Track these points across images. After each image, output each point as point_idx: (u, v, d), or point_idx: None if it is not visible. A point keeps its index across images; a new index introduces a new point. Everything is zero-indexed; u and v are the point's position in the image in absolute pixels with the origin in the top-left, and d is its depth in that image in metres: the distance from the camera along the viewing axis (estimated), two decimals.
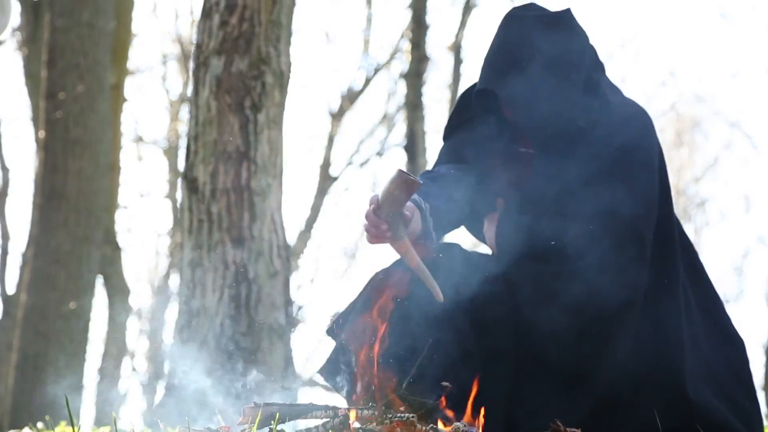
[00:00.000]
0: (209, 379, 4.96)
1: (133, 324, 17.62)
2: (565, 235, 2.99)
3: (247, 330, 5.07)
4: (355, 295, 3.18)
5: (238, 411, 2.79)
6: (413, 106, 13.62)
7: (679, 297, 3.03)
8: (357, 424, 2.71)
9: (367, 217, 2.90)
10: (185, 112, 17.15)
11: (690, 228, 20.07)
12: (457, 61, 14.95)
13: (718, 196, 24.65)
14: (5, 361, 10.28)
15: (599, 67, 3.15)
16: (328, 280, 20.51)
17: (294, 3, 5.42)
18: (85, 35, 9.08)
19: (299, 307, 17.90)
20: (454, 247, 3.15)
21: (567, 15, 3.13)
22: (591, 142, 3.06)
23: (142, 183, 20.87)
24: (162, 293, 17.64)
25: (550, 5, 3.20)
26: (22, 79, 11.96)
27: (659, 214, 3.07)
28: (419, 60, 13.47)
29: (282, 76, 5.30)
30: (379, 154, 17.94)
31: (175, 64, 17.59)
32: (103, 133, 9.20)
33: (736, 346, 3.15)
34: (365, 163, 18.03)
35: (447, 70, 15.37)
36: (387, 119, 17.53)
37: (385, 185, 2.87)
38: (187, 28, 17.16)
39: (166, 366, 5.32)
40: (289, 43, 5.38)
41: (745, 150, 24.08)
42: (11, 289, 12.27)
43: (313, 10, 21.61)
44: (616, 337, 2.93)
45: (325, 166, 17.37)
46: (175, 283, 17.01)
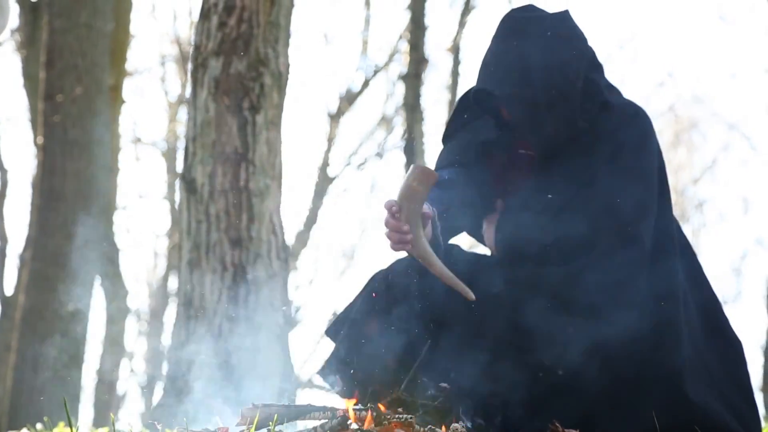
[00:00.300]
0: (207, 381, 4.96)
1: (131, 325, 17.63)
2: (564, 236, 2.99)
3: (245, 331, 5.07)
4: (354, 295, 3.18)
5: (237, 412, 2.79)
6: (412, 107, 13.62)
7: (678, 298, 3.03)
8: (355, 425, 2.71)
9: (387, 224, 2.88)
10: (183, 114, 17.16)
11: (688, 229, 20.06)
12: (456, 62, 14.94)
13: (717, 197, 24.63)
14: (3, 362, 10.27)
15: (598, 68, 3.15)
16: (326, 281, 20.49)
17: (292, 4, 5.42)
18: (83, 36, 9.08)
19: (297, 308, 17.91)
20: (453, 248, 3.16)
21: (565, 16, 3.13)
22: (590, 143, 3.06)
23: (141, 184, 20.86)
24: (160, 294, 17.63)
25: (548, 7, 3.20)
26: (20, 80, 11.95)
27: (658, 214, 3.07)
28: (418, 61, 13.47)
29: (280, 78, 5.30)
30: (377, 155, 17.95)
31: (174, 66, 17.60)
32: (102, 135, 9.20)
33: (734, 348, 3.16)
34: (364, 164, 18.05)
35: (446, 72, 15.37)
36: (385, 121, 17.54)
37: (403, 182, 2.86)
38: (186, 30, 17.17)
39: (165, 367, 5.32)
40: (287, 44, 5.38)
41: (743, 151, 24.04)
42: (9, 291, 12.26)
43: (311, 11, 21.61)
44: (614, 337, 2.94)
45: (324, 167, 17.37)
46: (173, 284, 17.01)
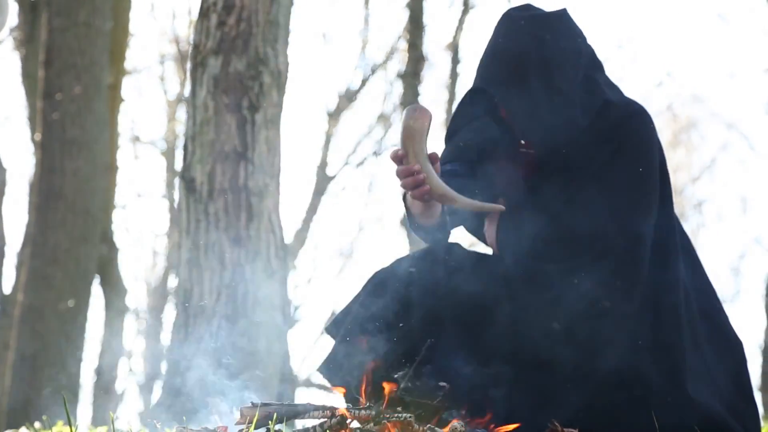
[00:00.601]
0: (206, 380, 4.96)
1: (130, 324, 17.61)
2: (564, 235, 2.99)
3: (244, 330, 5.07)
4: (354, 293, 3.18)
5: (236, 411, 2.79)
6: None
7: (680, 297, 3.03)
8: (354, 424, 2.71)
9: (398, 172, 2.91)
10: (182, 113, 17.15)
11: (687, 229, 19.96)
12: (455, 61, 14.93)
13: (715, 196, 24.60)
14: (2, 360, 10.27)
15: (598, 66, 3.15)
16: (325, 280, 20.49)
17: (292, 3, 5.42)
18: (82, 35, 9.08)
19: (296, 307, 17.91)
20: (454, 247, 3.16)
21: (564, 15, 3.13)
22: (591, 142, 3.06)
23: (140, 183, 20.84)
24: (159, 293, 17.63)
25: (546, 6, 3.20)
26: (18, 78, 11.94)
27: (660, 213, 3.07)
28: (416, 60, 13.47)
29: (280, 76, 5.30)
30: (376, 154, 17.95)
31: (173, 65, 17.59)
32: (100, 133, 9.20)
33: (735, 349, 3.15)
34: (362, 163, 18.05)
35: (444, 71, 15.36)
36: (384, 119, 17.53)
37: (402, 125, 2.90)
38: (185, 28, 17.16)
39: (164, 366, 5.32)
40: (286, 43, 5.37)
41: (742, 151, 24.05)
42: (8, 289, 12.26)
43: (310, 10, 21.59)
44: (615, 335, 2.94)
45: (322, 165, 17.37)
46: (172, 282, 17.01)
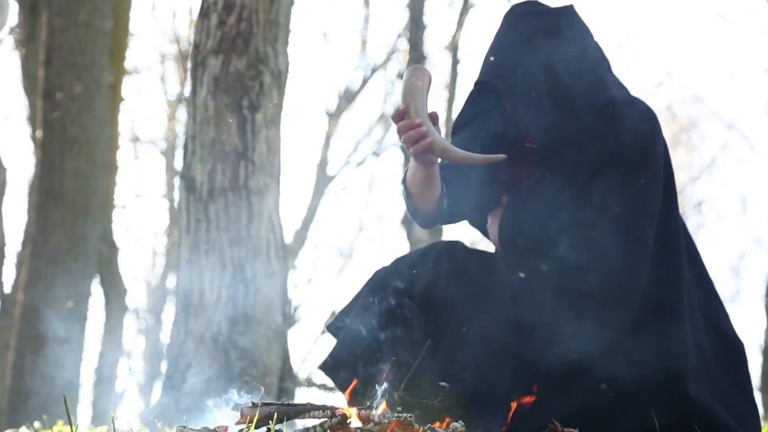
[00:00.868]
0: (206, 379, 4.96)
1: (130, 323, 17.61)
2: (566, 232, 2.98)
3: (244, 329, 5.07)
4: (356, 292, 3.18)
5: (236, 411, 2.79)
6: None
7: (684, 296, 3.02)
8: (355, 424, 2.70)
9: (401, 128, 2.93)
10: (183, 112, 17.16)
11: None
12: (455, 61, 14.93)
13: (715, 196, 24.62)
14: (2, 360, 10.27)
15: (605, 63, 3.14)
16: (325, 280, 20.49)
17: (292, 2, 5.42)
18: (82, 35, 9.08)
19: (296, 307, 17.90)
20: (456, 245, 3.16)
21: (569, 11, 3.13)
22: (595, 138, 3.05)
23: (140, 183, 20.84)
24: (159, 293, 17.63)
25: (552, 2, 3.20)
26: (19, 78, 11.94)
27: (664, 211, 3.05)
28: (417, 60, 13.46)
29: (280, 76, 5.30)
30: (375, 153, 17.97)
31: (173, 64, 17.60)
32: (101, 133, 9.20)
33: (735, 350, 3.15)
34: (362, 162, 18.05)
35: (444, 70, 15.36)
36: (384, 119, 17.54)
37: (404, 82, 2.95)
38: (185, 28, 17.17)
39: (164, 366, 5.32)
40: (287, 42, 5.37)
41: (742, 151, 24.04)
42: (8, 288, 12.25)
43: (310, 9, 21.62)
44: (616, 334, 2.93)
45: (322, 165, 17.37)
46: (172, 282, 17.01)
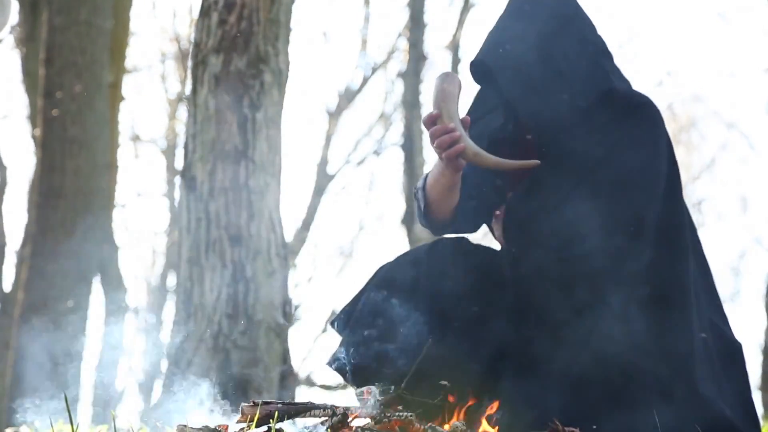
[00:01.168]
0: (207, 378, 4.96)
1: (130, 322, 17.60)
2: (566, 227, 2.97)
3: (244, 328, 5.07)
4: (359, 288, 3.18)
5: (237, 409, 2.79)
6: (411, 105, 13.63)
7: (690, 291, 3.01)
8: (356, 423, 2.70)
9: (434, 133, 2.94)
10: (183, 111, 17.16)
11: None
12: (455, 60, 14.94)
13: (715, 196, 24.57)
14: (2, 359, 10.27)
15: (606, 54, 3.15)
16: (325, 279, 20.49)
17: (292, 1, 5.42)
18: (83, 33, 9.08)
19: (297, 306, 17.90)
20: (461, 241, 3.16)
21: (572, 2, 3.14)
22: (595, 131, 3.05)
23: (140, 182, 20.84)
24: (159, 292, 17.63)
25: None
26: (19, 77, 11.95)
27: (668, 204, 3.03)
28: (417, 59, 13.48)
29: (280, 75, 5.30)
30: (376, 153, 17.96)
31: (174, 63, 17.58)
32: (101, 132, 9.20)
33: (734, 349, 3.15)
34: (362, 161, 18.05)
35: (445, 70, 15.35)
36: (384, 118, 17.54)
37: (436, 88, 2.98)
38: (186, 27, 17.15)
39: (164, 365, 5.32)
40: (287, 41, 5.37)
41: (742, 150, 24.02)
42: (8, 288, 12.26)
43: (311, 8, 21.62)
44: (624, 331, 2.92)
45: (323, 164, 17.37)
46: (172, 281, 17.01)
